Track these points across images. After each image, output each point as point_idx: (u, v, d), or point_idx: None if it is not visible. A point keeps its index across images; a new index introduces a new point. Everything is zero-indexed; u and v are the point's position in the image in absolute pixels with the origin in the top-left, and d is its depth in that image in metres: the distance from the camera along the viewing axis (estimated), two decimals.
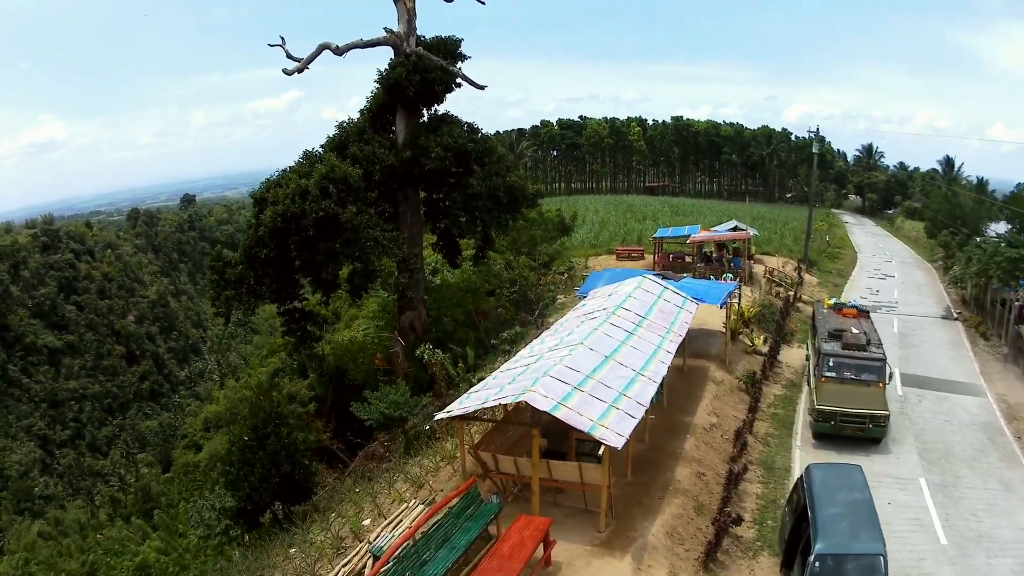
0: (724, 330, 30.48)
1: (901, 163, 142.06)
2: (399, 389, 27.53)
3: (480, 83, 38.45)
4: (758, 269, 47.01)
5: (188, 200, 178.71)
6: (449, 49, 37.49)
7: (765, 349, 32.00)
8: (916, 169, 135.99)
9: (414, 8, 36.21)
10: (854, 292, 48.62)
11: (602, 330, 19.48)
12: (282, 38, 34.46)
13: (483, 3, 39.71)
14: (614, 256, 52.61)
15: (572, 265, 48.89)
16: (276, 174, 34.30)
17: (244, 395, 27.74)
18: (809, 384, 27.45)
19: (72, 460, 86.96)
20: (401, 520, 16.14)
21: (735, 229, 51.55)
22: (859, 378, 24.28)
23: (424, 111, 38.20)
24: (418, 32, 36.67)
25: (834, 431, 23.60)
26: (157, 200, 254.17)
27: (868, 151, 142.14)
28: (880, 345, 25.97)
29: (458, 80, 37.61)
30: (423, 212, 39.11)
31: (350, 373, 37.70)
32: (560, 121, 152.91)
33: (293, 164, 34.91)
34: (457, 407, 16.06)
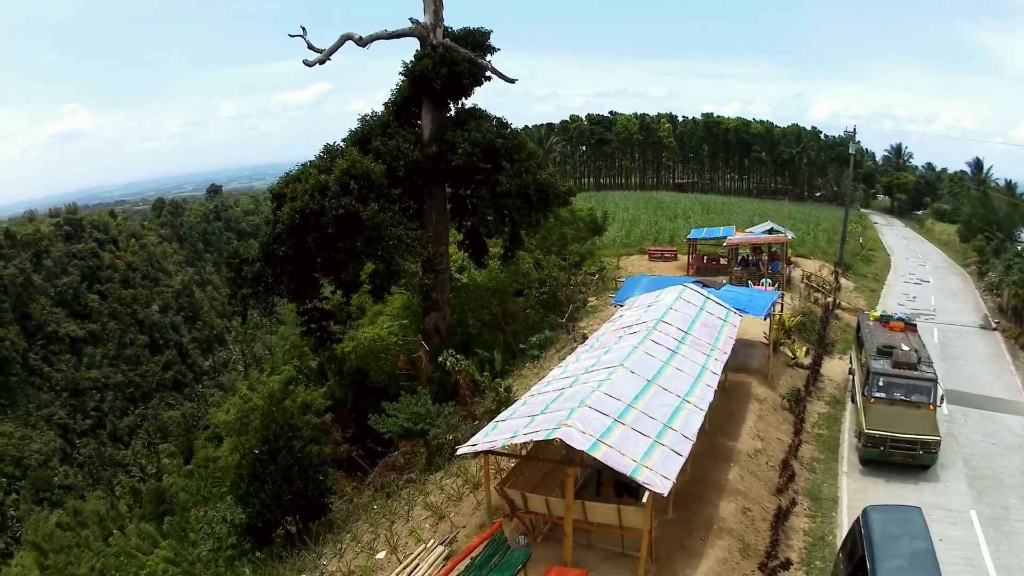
0: (765, 341, 28.68)
1: (929, 164, 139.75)
2: (420, 399, 25.96)
3: (510, 76, 36.86)
4: (796, 274, 44.98)
5: (214, 190, 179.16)
6: (477, 41, 35.73)
7: (807, 361, 30.21)
8: (944, 170, 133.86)
9: None
10: (891, 299, 46.79)
11: (643, 348, 17.81)
12: (303, 28, 32.99)
13: None
14: (646, 256, 50.90)
15: (603, 265, 47.13)
16: (295, 168, 32.95)
17: (255, 403, 26.35)
18: (854, 402, 25.87)
19: (93, 450, 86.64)
20: (418, 564, 14.58)
21: (771, 231, 49.66)
22: (909, 399, 22.61)
23: (451, 105, 36.55)
24: (445, 23, 35.00)
25: (883, 457, 21.97)
26: (183, 190, 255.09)
27: (897, 151, 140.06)
28: (931, 363, 24.26)
29: (487, 73, 35.89)
30: (449, 209, 37.53)
31: (372, 375, 36.37)
32: (589, 116, 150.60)
33: (313, 158, 33.53)
34: (482, 440, 14.37)
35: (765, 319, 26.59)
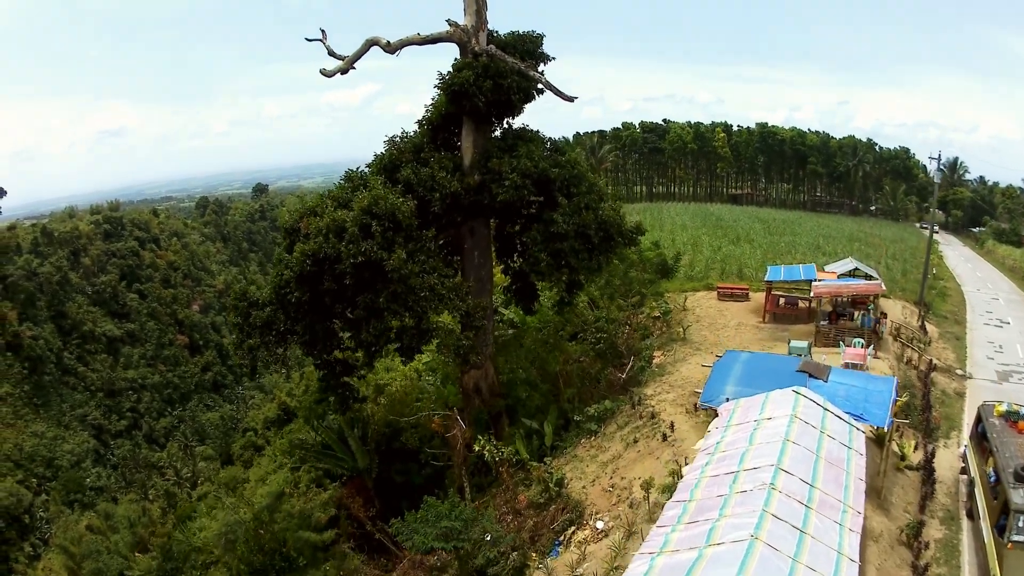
0: (871, 435, 23.03)
1: (981, 177, 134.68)
2: (454, 508, 20.80)
3: (569, 94, 30.76)
4: (886, 327, 38.53)
5: (260, 189, 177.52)
6: (528, 48, 30.15)
7: (916, 460, 24.65)
8: (996, 184, 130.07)
9: None
10: (977, 349, 40.79)
11: (764, 536, 12.48)
12: (322, 31, 27.94)
13: None
14: (715, 294, 45.25)
15: (669, 308, 41.32)
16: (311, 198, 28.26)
17: (240, 517, 21.77)
18: (971, 518, 21.20)
19: (127, 451, 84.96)
20: None
21: (855, 272, 43.76)
22: None
23: (497, 125, 31.05)
24: (489, 27, 29.61)
25: None
26: (231, 187, 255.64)
27: (953, 166, 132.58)
28: None
29: (539, 87, 30.13)
30: (494, 249, 32.36)
31: (404, 435, 31.67)
32: (643, 124, 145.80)
33: (333, 187, 28.74)
34: None
35: (888, 428, 20.88)
